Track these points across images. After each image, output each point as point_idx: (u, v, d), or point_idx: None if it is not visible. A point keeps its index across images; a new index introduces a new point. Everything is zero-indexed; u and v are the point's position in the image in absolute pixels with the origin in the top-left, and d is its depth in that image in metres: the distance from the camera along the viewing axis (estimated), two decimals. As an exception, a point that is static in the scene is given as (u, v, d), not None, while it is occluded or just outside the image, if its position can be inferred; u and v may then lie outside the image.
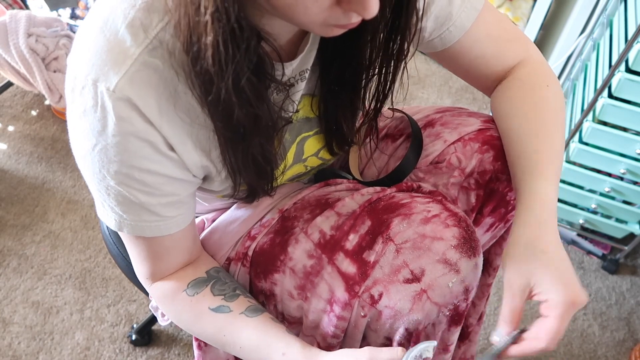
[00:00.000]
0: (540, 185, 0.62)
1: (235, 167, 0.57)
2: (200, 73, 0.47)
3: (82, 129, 0.51)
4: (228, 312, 0.64)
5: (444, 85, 1.95)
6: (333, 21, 0.45)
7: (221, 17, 0.42)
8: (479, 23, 0.66)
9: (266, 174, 0.61)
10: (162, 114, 0.51)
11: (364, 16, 0.43)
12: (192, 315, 0.65)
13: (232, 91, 0.47)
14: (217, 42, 0.43)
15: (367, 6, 0.42)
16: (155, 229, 0.60)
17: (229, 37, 0.43)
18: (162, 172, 0.55)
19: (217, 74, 0.46)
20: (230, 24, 0.42)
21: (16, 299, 1.28)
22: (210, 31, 0.43)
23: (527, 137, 0.65)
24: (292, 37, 0.57)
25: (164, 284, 0.67)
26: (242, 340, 0.63)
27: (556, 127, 0.66)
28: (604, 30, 1.30)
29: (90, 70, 0.48)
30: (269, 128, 0.55)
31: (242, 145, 0.54)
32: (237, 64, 0.45)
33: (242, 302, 0.65)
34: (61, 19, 1.58)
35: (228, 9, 0.41)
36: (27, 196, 1.49)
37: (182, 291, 0.66)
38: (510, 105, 0.69)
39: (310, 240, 0.65)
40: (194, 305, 0.65)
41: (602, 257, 1.48)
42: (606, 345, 1.32)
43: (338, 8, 0.43)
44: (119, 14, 0.48)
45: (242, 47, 0.44)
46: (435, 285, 0.60)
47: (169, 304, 0.67)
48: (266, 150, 0.58)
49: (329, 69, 0.61)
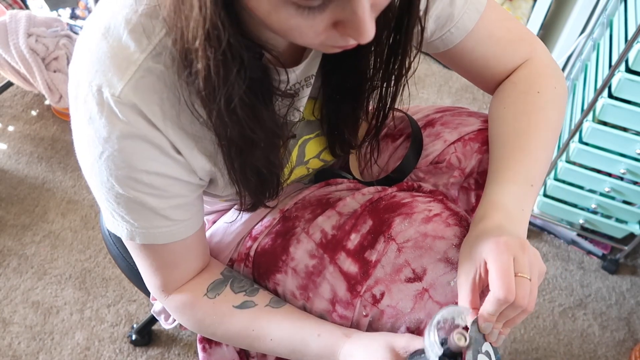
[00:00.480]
0: (497, 189, 0.60)
1: (240, 176, 0.57)
2: (195, 91, 0.47)
3: (87, 137, 0.51)
4: (253, 307, 0.64)
5: (444, 85, 1.95)
6: (331, 43, 0.45)
7: (212, 45, 0.42)
8: (482, 24, 0.65)
9: (272, 183, 0.61)
10: (166, 120, 0.50)
11: (359, 41, 0.43)
12: (217, 318, 0.65)
13: (224, 113, 0.47)
14: (208, 68, 0.43)
15: (362, 32, 0.41)
16: (168, 234, 0.59)
17: (220, 62, 0.43)
18: (169, 174, 0.54)
19: (208, 97, 0.46)
20: (220, 50, 0.42)
21: (16, 299, 1.28)
22: (200, 58, 0.43)
23: (504, 143, 0.65)
24: (296, 46, 0.57)
25: (180, 295, 0.66)
26: (272, 331, 0.63)
27: (538, 135, 0.64)
28: (604, 30, 1.30)
29: (94, 77, 0.48)
30: (273, 136, 0.55)
31: (245, 157, 0.54)
32: (228, 88, 0.45)
33: (264, 295, 0.66)
34: (61, 19, 1.58)
35: (219, 36, 0.41)
36: (27, 196, 1.49)
37: (203, 296, 0.65)
38: (499, 109, 0.68)
39: (312, 240, 0.65)
40: (218, 307, 0.65)
41: (602, 257, 1.48)
42: (606, 345, 1.32)
43: (334, 31, 0.43)
44: (121, 20, 0.48)
45: (233, 71, 0.44)
46: (437, 284, 0.60)
47: (189, 313, 0.66)
48: (272, 160, 0.57)
49: (330, 78, 0.61)
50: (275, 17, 0.41)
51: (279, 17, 0.41)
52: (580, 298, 1.40)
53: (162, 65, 0.48)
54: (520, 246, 0.52)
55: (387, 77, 0.59)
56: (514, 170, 0.62)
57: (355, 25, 0.41)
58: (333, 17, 0.42)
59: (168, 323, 0.80)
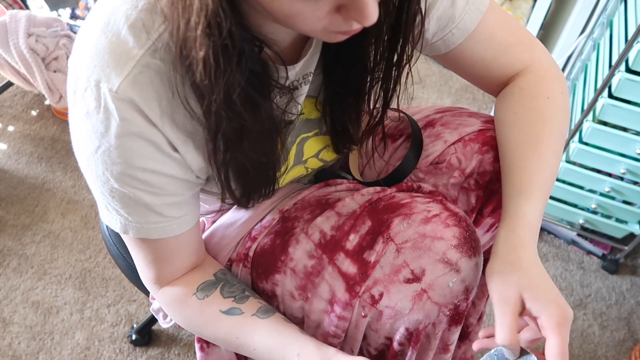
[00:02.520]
0: (526, 206, 0.61)
1: (232, 172, 0.57)
2: (193, 83, 0.47)
3: (84, 131, 0.51)
4: (240, 314, 0.64)
5: (444, 85, 1.95)
6: (334, 28, 0.45)
7: (212, 33, 0.41)
8: (483, 26, 0.65)
9: (268, 177, 0.61)
10: (163, 116, 0.51)
11: (363, 24, 0.43)
12: (203, 319, 0.65)
13: (222, 104, 0.47)
14: (207, 57, 0.43)
15: (366, 14, 0.41)
16: (161, 230, 0.59)
17: (220, 51, 0.43)
18: (165, 171, 0.55)
19: (207, 87, 0.46)
20: (221, 38, 0.42)
21: (16, 299, 1.28)
22: (200, 46, 0.42)
23: (521, 151, 0.65)
24: (295, 41, 0.57)
25: (172, 289, 0.66)
26: (255, 342, 0.62)
27: (551, 142, 0.65)
28: (604, 30, 1.30)
29: (92, 72, 0.48)
30: (270, 131, 0.55)
31: (238, 151, 0.54)
32: (228, 78, 0.45)
33: (253, 303, 0.65)
34: (61, 19, 1.58)
35: (220, 24, 0.41)
36: (27, 196, 1.49)
37: (192, 295, 0.66)
38: (509, 114, 0.68)
39: (311, 241, 0.65)
40: (205, 309, 0.65)
41: (602, 257, 1.48)
42: (606, 345, 1.32)
43: (338, 15, 0.43)
44: (120, 15, 0.48)
45: (233, 62, 0.44)
46: (436, 285, 0.60)
47: (178, 309, 0.66)
48: (268, 155, 0.57)
49: (332, 72, 0.61)
50: (277, 3, 0.41)
51: (281, 3, 0.41)
52: (580, 298, 1.40)
53: (161, 60, 0.48)
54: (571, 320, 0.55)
55: (389, 66, 0.59)
56: (537, 185, 0.62)
57: (359, 7, 0.41)
58: (336, 1, 0.42)
59: (166, 322, 0.80)
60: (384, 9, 0.52)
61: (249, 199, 0.63)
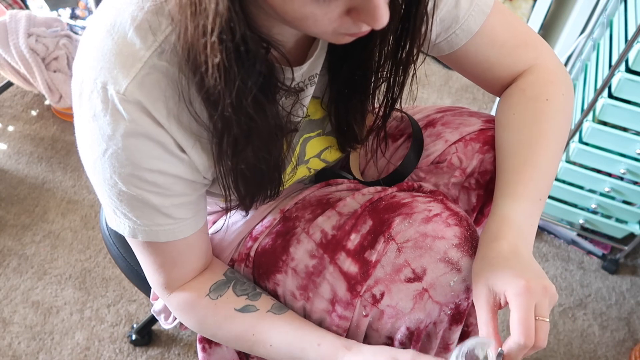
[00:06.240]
0: (510, 206, 0.61)
1: (238, 174, 0.57)
2: (201, 88, 0.47)
3: (91, 134, 0.50)
4: (255, 311, 0.64)
5: (444, 85, 1.95)
6: (344, 30, 0.45)
7: (227, 38, 0.41)
8: (486, 27, 0.65)
9: (273, 179, 0.61)
10: (170, 117, 0.50)
11: (374, 27, 0.43)
12: (218, 319, 0.65)
13: (234, 108, 0.47)
14: (222, 62, 0.43)
15: (377, 17, 0.42)
16: (170, 232, 0.59)
17: (233, 56, 0.43)
18: (173, 172, 0.54)
19: (220, 92, 0.46)
20: (234, 43, 0.42)
21: (16, 299, 1.28)
22: (214, 52, 0.42)
23: (513, 152, 0.64)
24: (300, 42, 0.57)
25: (183, 294, 0.66)
26: (272, 338, 0.63)
27: (546, 144, 0.64)
28: (604, 30, 1.30)
29: (98, 74, 0.47)
30: (276, 133, 0.55)
31: (245, 153, 0.54)
32: (240, 81, 0.45)
33: (266, 300, 0.66)
34: (61, 19, 1.58)
35: (234, 29, 0.41)
36: (27, 196, 1.49)
37: (205, 296, 0.65)
38: (508, 115, 0.68)
39: (312, 240, 0.65)
40: (219, 309, 0.65)
41: (602, 257, 1.48)
42: (606, 345, 1.32)
43: (348, 18, 0.43)
44: (126, 17, 0.48)
45: (246, 65, 0.44)
46: (437, 284, 0.60)
47: (190, 312, 0.66)
48: (274, 157, 0.57)
49: (338, 73, 0.61)
50: (289, 5, 0.41)
51: (293, 5, 0.41)
52: (580, 298, 1.40)
53: (168, 62, 0.48)
54: (543, 291, 0.53)
55: (395, 66, 0.59)
56: (524, 185, 0.62)
57: (370, 10, 0.42)
58: (347, 4, 0.42)
59: (168, 323, 0.80)
60: (391, 10, 0.52)
61: (254, 200, 0.63)
